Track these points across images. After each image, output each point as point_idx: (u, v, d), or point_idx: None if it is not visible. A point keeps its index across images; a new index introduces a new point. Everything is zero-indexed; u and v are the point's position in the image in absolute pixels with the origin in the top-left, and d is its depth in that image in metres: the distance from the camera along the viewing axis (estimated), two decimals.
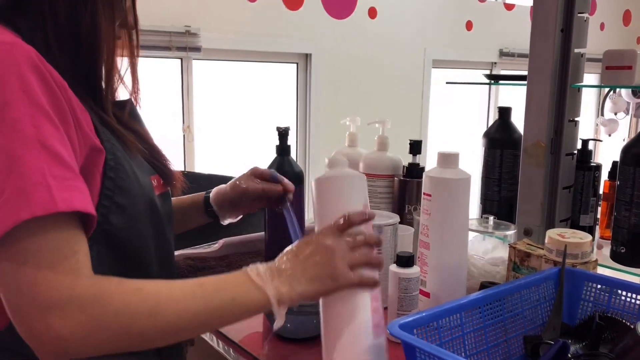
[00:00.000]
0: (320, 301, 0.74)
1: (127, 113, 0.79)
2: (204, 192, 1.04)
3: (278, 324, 0.67)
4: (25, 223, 0.56)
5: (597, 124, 5.15)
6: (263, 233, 1.21)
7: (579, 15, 1.19)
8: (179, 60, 3.12)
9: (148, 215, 0.75)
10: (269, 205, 1.02)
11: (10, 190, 0.56)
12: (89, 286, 0.58)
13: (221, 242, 1.26)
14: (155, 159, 0.80)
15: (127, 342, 0.60)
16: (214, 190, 1.03)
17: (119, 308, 0.59)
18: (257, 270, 0.67)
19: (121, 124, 0.76)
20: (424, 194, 0.96)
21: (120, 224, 0.70)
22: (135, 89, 0.81)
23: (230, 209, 1.01)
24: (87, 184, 0.64)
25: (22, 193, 0.56)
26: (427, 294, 0.97)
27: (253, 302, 0.66)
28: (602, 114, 5.15)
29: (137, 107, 0.84)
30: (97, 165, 0.68)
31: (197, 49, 3.05)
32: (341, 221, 0.72)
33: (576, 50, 1.20)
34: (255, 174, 1.00)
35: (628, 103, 5.13)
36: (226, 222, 1.04)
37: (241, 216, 1.04)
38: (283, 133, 1.12)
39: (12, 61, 0.60)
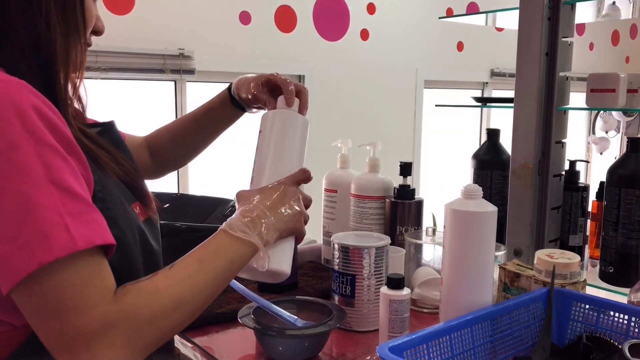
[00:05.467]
0: None
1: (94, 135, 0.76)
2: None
3: (261, 263, 0.77)
4: (49, 264, 0.57)
5: (588, 142, 5.20)
6: None
7: (563, 39, 1.21)
8: (173, 83, 3.14)
9: (138, 244, 0.74)
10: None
11: (27, 233, 0.57)
12: (117, 308, 0.62)
13: None
14: (134, 181, 0.78)
15: (164, 337, 0.66)
16: (235, 81, 1.09)
17: (149, 315, 0.64)
18: (238, 227, 0.75)
19: (95, 144, 0.73)
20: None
21: (112, 255, 0.69)
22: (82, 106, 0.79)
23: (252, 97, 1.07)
24: None
25: (41, 235, 0.57)
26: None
27: (247, 256, 0.75)
28: (594, 132, 5.20)
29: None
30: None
31: (191, 72, 3.07)
32: (300, 175, 0.87)
33: (561, 74, 1.22)
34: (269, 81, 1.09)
35: (619, 121, 5.18)
36: (253, 111, 1.09)
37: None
38: None
39: (10, 99, 0.59)
